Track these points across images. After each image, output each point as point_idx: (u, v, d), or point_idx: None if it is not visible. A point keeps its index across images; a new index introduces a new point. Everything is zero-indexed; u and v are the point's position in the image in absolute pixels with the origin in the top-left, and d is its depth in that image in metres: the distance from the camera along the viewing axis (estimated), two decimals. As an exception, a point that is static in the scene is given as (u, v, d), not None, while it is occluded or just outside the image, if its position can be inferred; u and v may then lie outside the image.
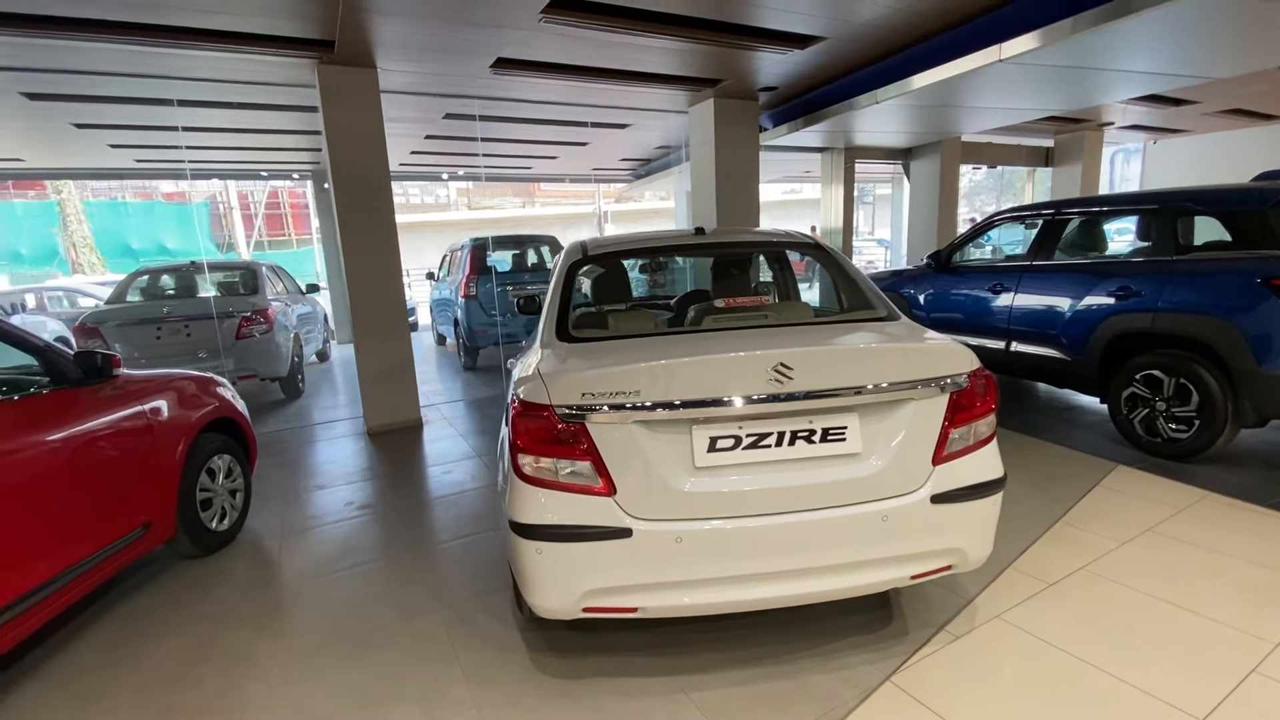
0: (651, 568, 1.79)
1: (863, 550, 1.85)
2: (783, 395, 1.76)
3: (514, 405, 1.89)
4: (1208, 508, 3.10)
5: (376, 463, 4.53)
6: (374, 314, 5.09)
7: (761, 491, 1.79)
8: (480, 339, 7.51)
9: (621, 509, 1.78)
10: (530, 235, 8.42)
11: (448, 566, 2.95)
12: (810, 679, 2.07)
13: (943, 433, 1.89)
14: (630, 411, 1.75)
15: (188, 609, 2.69)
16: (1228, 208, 3.54)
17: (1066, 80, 5.34)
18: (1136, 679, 1.98)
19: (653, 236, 2.89)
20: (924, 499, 1.87)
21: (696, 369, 1.77)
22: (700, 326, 2.15)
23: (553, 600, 1.85)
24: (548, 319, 2.32)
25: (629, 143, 8.85)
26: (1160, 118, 8.83)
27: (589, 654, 2.24)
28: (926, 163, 8.71)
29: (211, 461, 3.18)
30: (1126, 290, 3.84)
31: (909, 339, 1.98)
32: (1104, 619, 2.30)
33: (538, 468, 1.81)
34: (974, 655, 2.14)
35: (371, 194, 4.95)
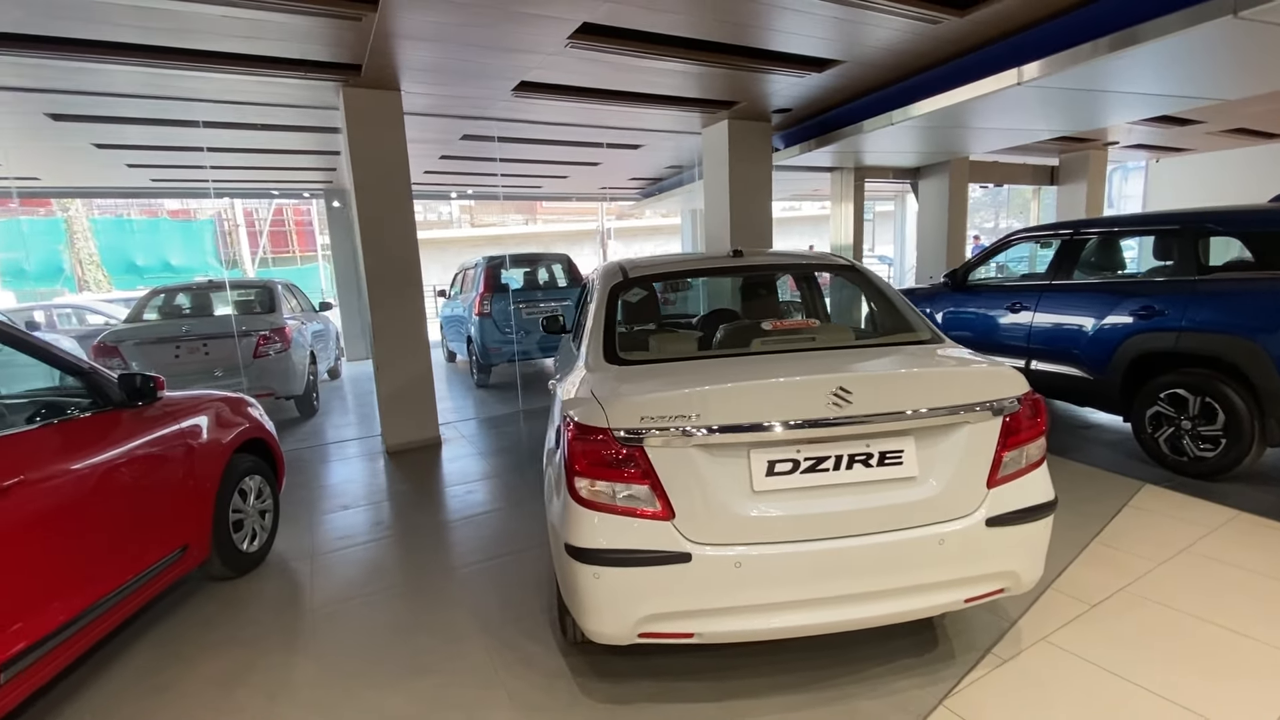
0: (710, 593, 1.78)
1: (919, 574, 1.85)
2: (842, 419, 1.77)
3: (569, 428, 1.90)
4: (1241, 527, 3.10)
5: (399, 482, 4.52)
6: (394, 333, 5.11)
7: (820, 515, 1.80)
8: (494, 356, 7.53)
9: (680, 533, 1.78)
10: (544, 254, 8.48)
11: (482, 588, 2.93)
12: (861, 705, 2.05)
13: (996, 456, 1.90)
14: (689, 435, 1.75)
15: (222, 631, 2.67)
16: (1250, 229, 3.58)
17: (1080, 102, 5.42)
18: (1191, 703, 1.97)
19: (690, 259, 2.92)
20: (979, 522, 1.87)
21: (756, 392, 1.79)
22: (749, 349, 2.17)
23: (608, 626, 1.84)
24: (593, 341, 2.33)
25: (640, 162, 8.94)
26: (1165, 137, 8.95)
27: (635, 678, 2.23)
28: (935, 181, 8.80)
29: (243, 482, 3.18)
30: (1150, 309, 3.87)
31: (960, 362, 2.00)
32: (1150, 641, 2.29)
33: (594, 491, 1.82)
34: (1024, 679, 2.13)
35: (393, 214, 4.99)
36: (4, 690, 1.80)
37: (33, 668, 1.90)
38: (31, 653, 1.89)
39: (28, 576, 1.93)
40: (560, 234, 29.08)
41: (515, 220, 31.43)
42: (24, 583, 1.91)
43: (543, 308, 7.64)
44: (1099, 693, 2.05)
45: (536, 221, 31.00)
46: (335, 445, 5.57)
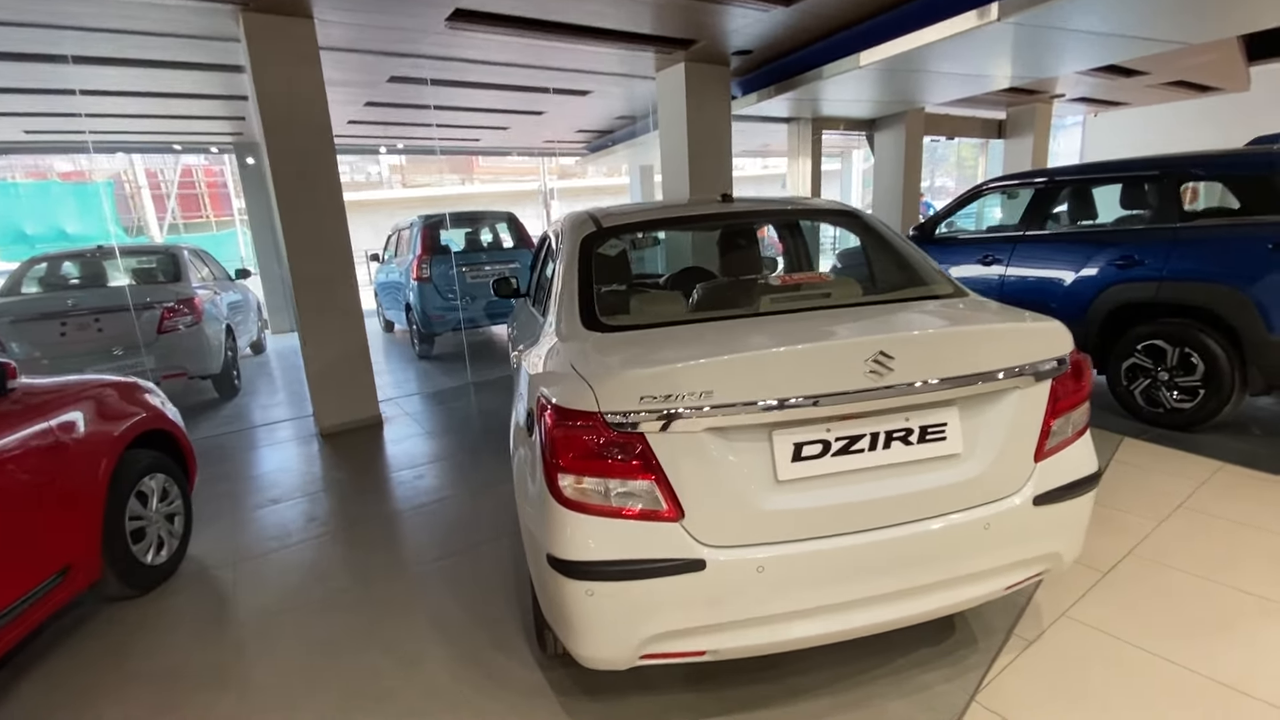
0: (728, 604, 1.48)
1: (961, 565, 1.60)
2: (881, 389, 1.46)
3: (546, 413, 1.52)
4: (1228, 479, 3.05)
5: (335, 469, 4.03)
6: (321, 302, 4.53)
7: (853, 505, 1.51)
8: (437, 325, 6.96)
9: (691, 536, 1.45)
10: (486, 212, 7.85)
11: (439, 591, 2.56)
12: (887, 707, 1.82)
13: (1044, 425, 1.65)
14: (702, 416, 1.41)
15: (129, 664, 2.21)
16: (1235, 172, 3.47)
17: (1042, 43, 5.23)
18: (1223, 675, 1.83)
19: (672, 206, 2.53)
20: (1027, 501, 1.63)
21: (781, 361, 1.45)
22: (758, 309, 1.83)
23: (604, 650, 1.52)
24: (565, 304, 1.94)
25: (588, 112, 8.35)
26: (1107, 89, 9.01)
27: (627, 693, 1.93)
28: (891, 134, 8.61)
29: (142, 484, 2.66)
30: (1129, 259, 3.76)
31: (1002, 318, 1.72)
32: (1167, 608, 2.16)
33: (582, 489, 1.46)
34: (1053, 662, 1.95)
35: (313, 165, 4.35)
36: None
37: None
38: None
39: None
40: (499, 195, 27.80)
41: (451, 180, 29.86)
42: None
43: (488, 270, 7.10)
44: (1133, 672, 1.89)
45: (473, 182, 29.56)
46: (262, 429, 4.98)
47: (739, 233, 2.80)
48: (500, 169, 28.53)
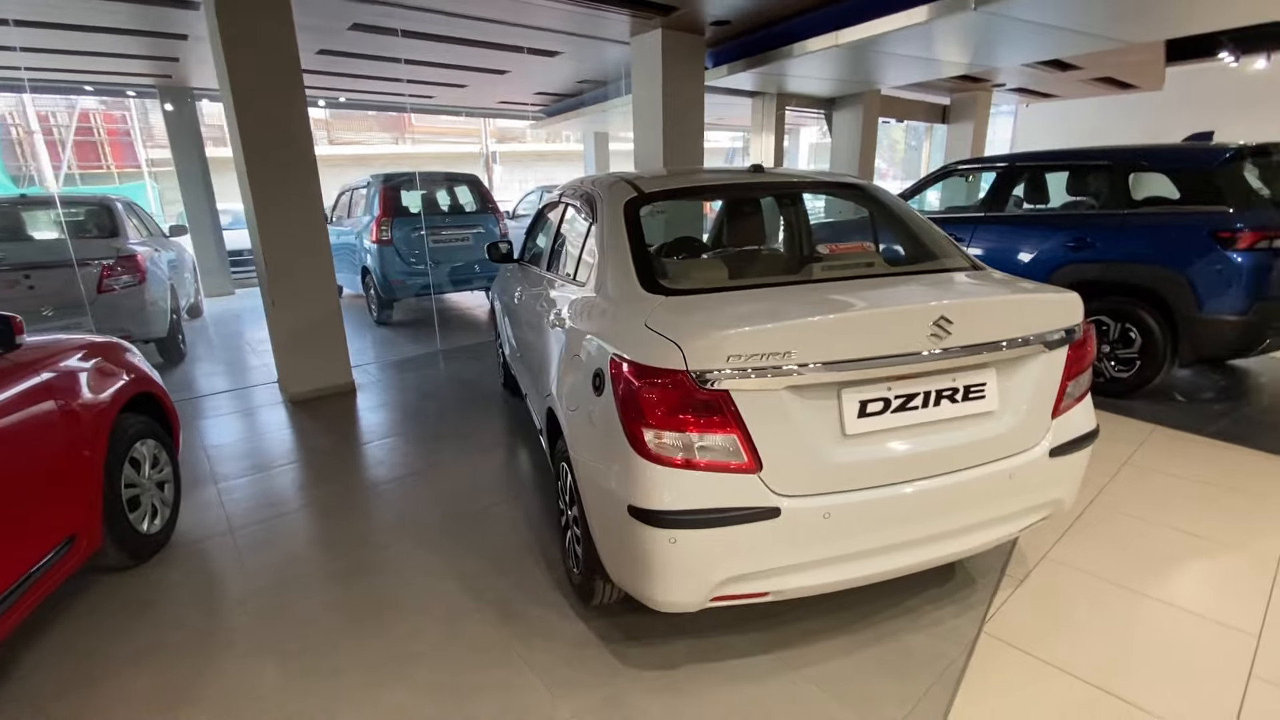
0: (796, 547, 1.60)
1: (991, 509, 1.79)
2: (939, 351, 1.60)
3: (626, 370, 1.58)
4: (1162, 440, 3.45)
5: (315, 436, 3.90)
6: (292, 261, 4.30)
7: (907, 457, 1.65)
8: (399, 290, 6.74)
9: (768, 487, 1.56)
10: (450, 174, 7.58)
11: (457, 553, 2.58)
12: (909, 640, 2.02)
13: (1061, 385, 1.84)
14: (782, 375, 1.51)
15: (139, 638, 2.13)
16: (1178, 165, 3.84)
17: (1003, 33, 5.53)
18: (1188, 602, 2.13)
19: (708, 173, 2.57)
20: (1044, 453, 1.83)
21: (856, 324, 1.56)
22: (812, 276, 1.92)
23: (683, 594, 1.61)
24: (615, 268, 1.97)
25: (552, 74, 8.15)
26: (1042, 81, 9.60)
27: (672, 638, 2.04)
28: (849, 113, 8.87)
29: (135, 449, 2.52)
30: (1081, 241, 4.11)
31: (1030, 289, 1.89)
32: (1125, 548, 2.46)
33: (668, 444, 1.54)
34: (1045, 597, 2.20)
35: (283, 115, 4.09)
36: None
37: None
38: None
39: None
40: (434, 156, 26.62)
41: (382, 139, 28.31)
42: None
43: (454, 234, 6.90)
44: (1106, 600, 2.16)
45: (406, 141, 28.13)
46: (220, 396, 4.72)
47: (745, 202, 2.88)
48: (436, 129, 27.24)
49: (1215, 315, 3.59)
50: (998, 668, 1.89)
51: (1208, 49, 9.00)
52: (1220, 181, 3.62)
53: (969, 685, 1.83)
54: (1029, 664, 1.90)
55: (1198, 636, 1.99)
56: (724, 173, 2.60)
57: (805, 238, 2.97)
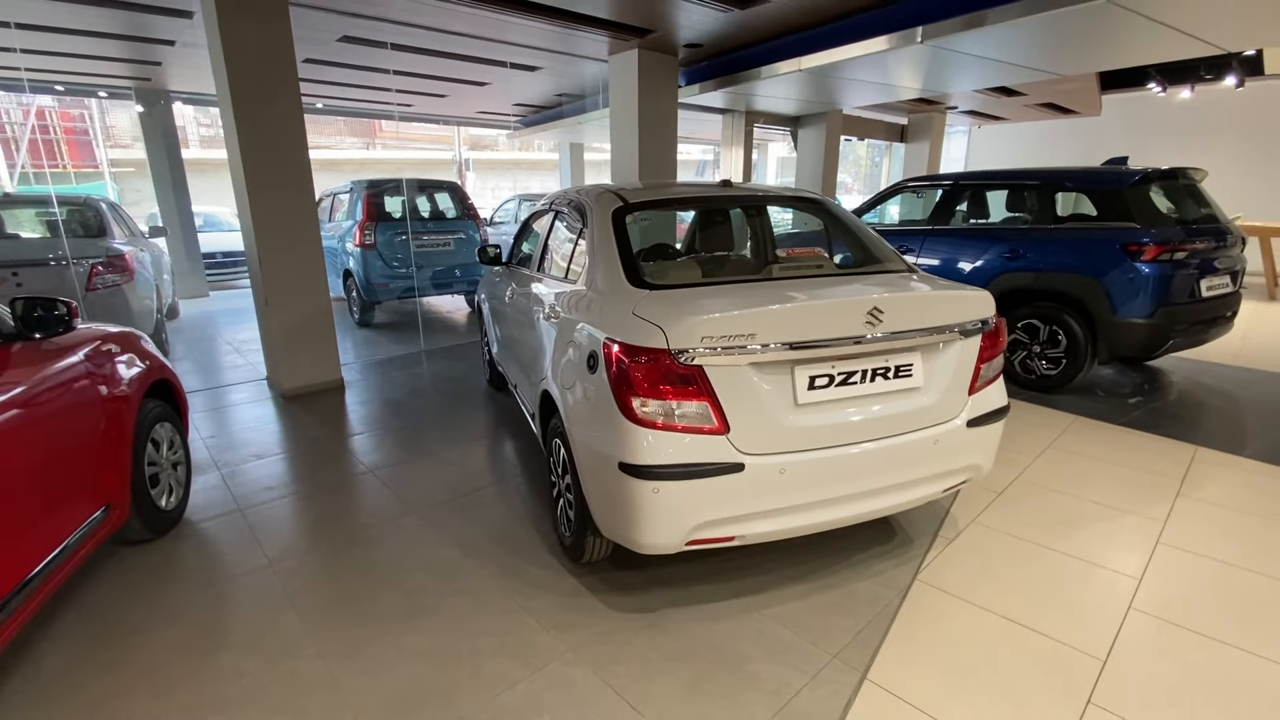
0: (757, 498, 1.93)
1: (919, 470, 2.15)
2: (872, 336, 1.96)
3: (618, 350, 1.89)
4: (1082, 427, 3.90)
5: (310, 428, 4.11)
6: (287, 261, 4.51)
7: (848, 424, 2.00)
8: (381, 293, 6.93)
9: (734, 446, 1.88)
10: (432, 181, 7.81)
11: (457, 526, 2.84)
12: (855, 586, 2.37)
13: (976, 368, 2.22)
14: (746, 354, 1.84)
15: (167, 598, 2.34)
16: (1096, 186, 4.33)
17: (950, 64, 6.05)
18: (1089, 555, 2.53)
19: (682, 186, 2.90)
20: (962, 424, 2.20)
21: (805, 313, 1.90)
22: (771, 275, 2.27)
23: (663, 536, 1.92)
24: (605, 267, 2.29)
25: (532, 87, 8.46)
26: (991, 105, 10.29)
27: (652, 588, 2.35)
28: (813, 131, 9.38)
29: (155, 431, 2.72)
30: (1015, 252, 4.58)
31: (949, 287, 2.26)
32: (1045, 515, 2.86)
33: (652, 411, 1.85)
34: (972, 553, 2.57)
35: (280, 120, 4.31)
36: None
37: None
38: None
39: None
40: (406, 162, 26.58)
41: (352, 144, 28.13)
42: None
43: (435, 240, 7.13)
44: (1026, 556, 2.55)
45: (376, 147, 28.02)
46: (208, 392, 4.87)
47: (716, 212, 3.23)
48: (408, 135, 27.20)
49: (1126, 319, 4.07)
50: (927, 606, 2.25)
51: (1138, 80, 9.79)
52: (1130, 201, 4.12)
53: (902, 619, 2.18)
54: (953, 603, 2.26)
55: (1093, 580, 2.38)
56: (697, 186, 2.95)
57: (768, 244, 3.34)
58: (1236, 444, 3.63)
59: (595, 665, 1.97)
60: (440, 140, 26.84)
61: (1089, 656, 2.00)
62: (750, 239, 3.00)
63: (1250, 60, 8.71)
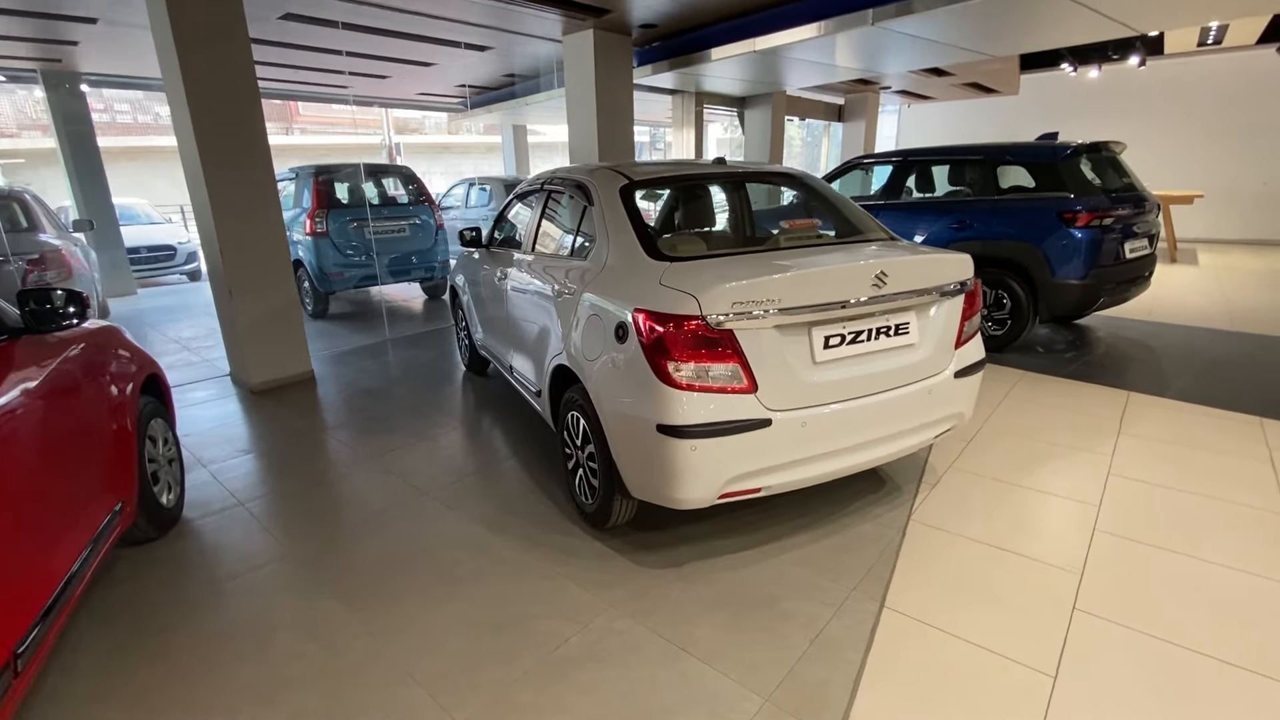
0: (783, 450, 2.09)
1: (916, 418, 2.37)
2: (879, 298, 2.14)
3: (652, 319, 2.00)
4: (1030, 381, 4.29)
5: (291, 421, 4.01)
6: (252, 250, 4.34)
7: (858, 378, 2.19)
8: (336, 283, 6.71)
9: (761, 403, 2.04)
10: (386, 166, 7.57)
11: (472, 502, 2.90)
12: (859, 529, 2.59)
13: (960, 324, 2.45)
14: (772, 317, 1.99)
15: (195, 592, 2.31)
16: (1033, 160, 4.71)
17: (893, 45, 6.36)
18: (1055, 489, 2.85)
19: (681, 164, 3.00)
20: (950, 375, 2.44)
21: (822, 277, 2.07)
22: (779, 245, 2.42)
23: (699, 491, 2.06)
24: (619, 242, 2.39)
25: (478, 68, 8.30)
26: (922, 85, 10.82)
27: (676, 545, 2.49)
28: (759, 112, 9.62)
29: (150, 426, 2.64)
30: (963, 223, 4.93)
31: (934, 251, 2.48)
32: (1010, 457, 3.18)
33: (686, 374, 1.98)
34: (954, 493, 2.85)
35: (238, 105, 4.12)
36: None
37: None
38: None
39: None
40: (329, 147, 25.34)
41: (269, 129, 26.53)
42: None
43: (390, 226, 6.96)
44: (1000, 493, 2.84)
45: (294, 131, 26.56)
46: (170, 391, 4.64)
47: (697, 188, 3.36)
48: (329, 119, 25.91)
49: (1064, 280, 4.49)
50: (924, 541, 2.49)
51: (1052, 60, 10.51)
52: (1063, 172, 4.52)
53: (906, 554, 2.41)
54: (946, 537, 2.52)
55: (1061, 510, 2.70)
56: (694, 164, 3.07)
57: (749, 218, 3.50)
58: (1159, 387, 4.10)
59: (639, 616, 2.10)
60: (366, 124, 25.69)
61: (1068, 572, 2.28)
62: (731, 213, 3.15)
63: (1152, 41, 9.52)
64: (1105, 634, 1.97)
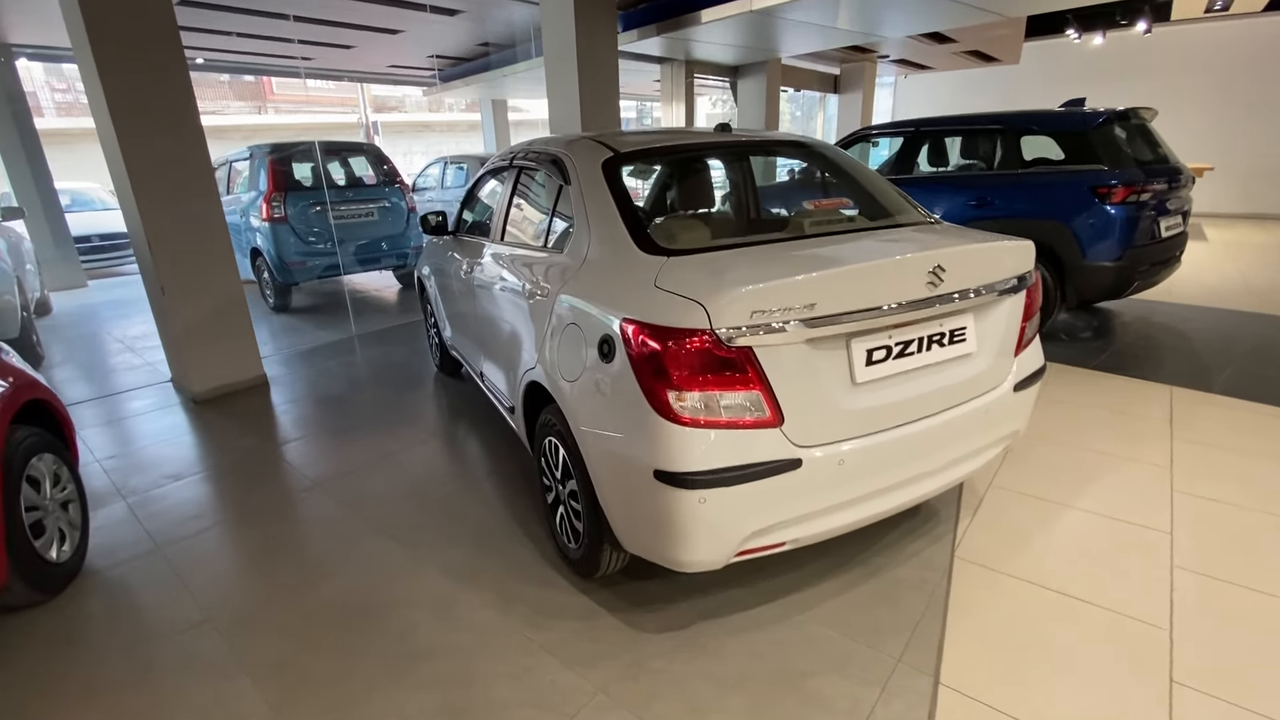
0: (815, 495, 1.66)
1: (971, 442, 1.94)
2: (933, 299, 1.69)
3: (645, 333, 1.54)
4: (1058, 374, 3.88)
5: (236, 437, 3.52)
6: (184, 241, 3.80)
7: (906, 401, 1.75)
8: (298, 273, 6.17)
9: (788, 439, 1.59)
10: (348, 143, 6.97)
11: (432, 541, 2.45)
12: (894, 572, 2.17)
13: (1021, 326, 2.01)
14: (804, 328, 1.53)
15: (77, 676, 1.85)
16: (1062, 128, 4.25)
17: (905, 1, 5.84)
18: (1112, 511, 2.44)
19: (679, 133, 2.51)
20: (1009, 389, 2.00)
21: (866, 275, 1.61)
22: (804, 232, 1.95)
23: (709, 553, 1.62)
24: (607, 230, 1.91)
25: (451, 35, 7.66)
26: (920, 53, 10.28)
27: (677, 599, 2.07)
28: (752, 82, 9.06)
29: (31, 466, 2.15)
30: (982, 200, 4.48)
31: (993, 239, 2.03)
32: (1058, 469, 2.77)
33: (692, 405, 1.52)
34: (999, 519, 2.44)
35: (162, 72, 3.55)
36: None
37: None
38: None
39: None
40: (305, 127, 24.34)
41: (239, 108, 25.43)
42: None
43: (356, 209, 6.40)
44: (1050, 516, 2.44)
45: (268, 110, 25.46)
46: (100, 402, 4.13)
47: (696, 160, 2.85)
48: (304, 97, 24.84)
49: (1096, 262, 4.06)
50: (974, 587, 2.08)
51: (1056, 27, 10.00)
52: (1096, 142, 4.07)
53: (955, 607, 1.99)
54: (998, 580, 2.11)
55: (1125, 538, 2.29)
56: (693, 132, 2.57)
57: (755, 198, 3.02)
58: (1203, 381, 3.71)
59: (634, 705, 1.67)
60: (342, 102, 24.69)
61: (1153, 627, 1.88)
62: (733, 191, 2.66)
63: (1160, 6, 9.04)
64: (1219, 717, 1.57)
